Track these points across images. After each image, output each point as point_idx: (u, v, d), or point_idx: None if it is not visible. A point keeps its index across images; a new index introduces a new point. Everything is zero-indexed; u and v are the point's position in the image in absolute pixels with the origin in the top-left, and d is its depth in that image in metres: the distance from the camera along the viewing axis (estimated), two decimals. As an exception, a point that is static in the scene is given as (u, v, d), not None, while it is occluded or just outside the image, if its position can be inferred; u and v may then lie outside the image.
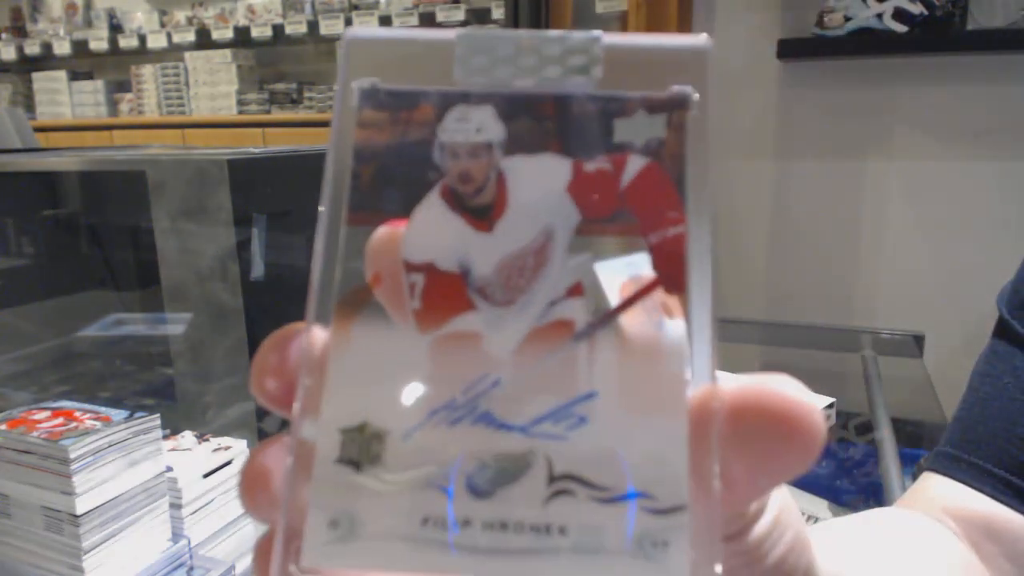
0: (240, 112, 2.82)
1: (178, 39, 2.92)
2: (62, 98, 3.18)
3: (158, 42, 2.95)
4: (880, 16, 1.66)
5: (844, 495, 0.98)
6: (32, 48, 3.18)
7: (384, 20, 2.55)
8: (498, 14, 2.31)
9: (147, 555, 0.68)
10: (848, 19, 1.68)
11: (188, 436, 0.78)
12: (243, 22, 2.81)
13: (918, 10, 1.64)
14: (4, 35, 3.27)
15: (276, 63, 2.93)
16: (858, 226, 1.83)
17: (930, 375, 1.27)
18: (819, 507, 0.90)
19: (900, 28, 1.65)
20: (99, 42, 3.05)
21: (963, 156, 1.72)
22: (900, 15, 1.65)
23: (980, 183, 1.71)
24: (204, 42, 2.89)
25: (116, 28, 3.06)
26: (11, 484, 0.66)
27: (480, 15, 2.44)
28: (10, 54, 3.23)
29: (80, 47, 3.10)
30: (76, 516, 0.63)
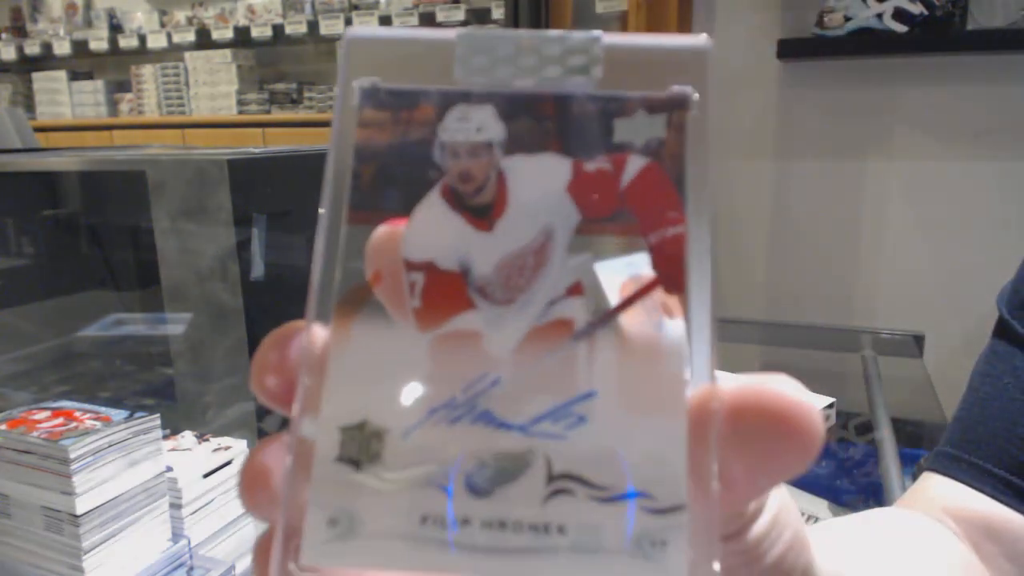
0: (240, 112, 2.82)
1: (178, 39, 2.92)
2: (62, 98, 3.18)
3: (158, 42, 2.95)
4: (880, 16, 1.66)
5: (844, 495, 0.98)
6: (32, 48, 3.18)
7: (384, 20, 2.55)
8: (498, 14, 2.31)
9: (147, 555, 0.68)
10: (848, 19, 1.68)
11: (188, 436, 0.78)
12: (243, 22, 2.81)
13: (918, 10, 1.64)
14: (4, 35, 3.27)
15: (276, 63, 2.94)
16: (858, 226, 1.83)
17: (930, 375, 1.27)
18: (819, 507, 0.90)
19: (900, 28, 1.65)
20: (99, 42, 3.05)
21: (963, 156, 1.72)
22: (900, 15, 1.65)
23: (980, 183, 1.71)
24: (204, 42, 2.89)
25: (116, 28, 3.06)
26: (11, 484, 0.66)
27: (480, 15, 2.44)
28: (10, 54, 3.23)
29: (80, 47, 3.10)
30: (76, 516, 0.63)
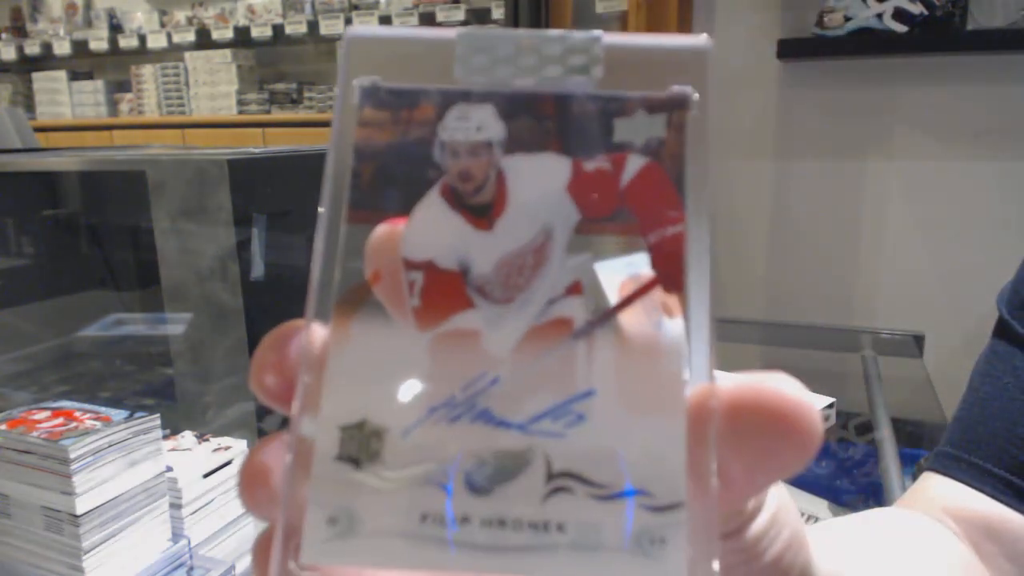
0: (240, 112, 2.82)
1: (178, 39, 2.92)
2: (62, 98, 3.18)
3: (158, 42, 2.95)
4: (880, 16, 1.66)
5: (844, 495, 0.98)
6: (32, 48, 3.18)
7: (384, 20, 2.55)
8: (498, 14, 2.31)
9: (147, 555, 0.68)
10: (848, 19, 1.68)
11: (188, 436, 0.78)
12: (243, 22, 2.81)
13: (918, 10, 1.64)
14: (4, 35, 3.27)
15: (276, 63, 2.94)
16: (858, 226, 1.83)
17: (930, 375, 1.27)
18: (819, 507, 0.90)
19: (900, 28, 1.65)
20: (99, 42, 3.05)
21: (963, 156, 1.72)
22: (900, 15, 1.65)
23: (980, 183, 1.71)
24: (204, 42, 2.89)
25: (116, 28, 3.06)
26: (11, 484, 0.66)
27: (480, 15, 2.44)
28: (10, 54, 3.23)
29: (80, 47, 3.10)
30: (76, 516, 0.63)
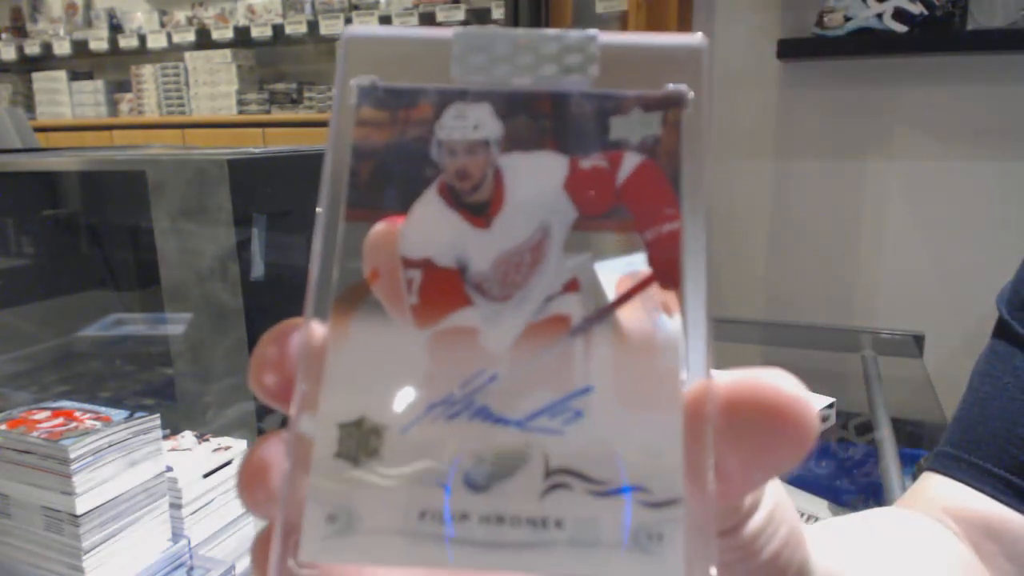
0: (240, 112, 2.82)
1: (178, 39, 2.92)
2: (62, 98, 3.18)
3: (158, 42, 2.96)
4: (880, 16, 1.66)
5: (844, 495, 0.98)
6: (32, 48, 3.18)
7: (384, 20, 2.55)
8: (498, 14, 2.31)
9: (147, 555, 0.68)
10: (848, 19, 1.68)
11: (188, 436, 0.78)
12: (243, 22, 2.81)
13: (918, 10, 1.64)
14: (4, 35, 3.27)
15: (276, 63, 2.94)
16: (858, 226, 1.83)
17: (930, 375, 1.27)
18: (819, 507, 0.89)
19: (900, 28, 1.65)
20: (99, 42, 3.05)
21: (963, 156, 1.72)
22: (900, 15, 1.65)
23: (980, 183, 1.71)
24: (204, 42, 2.89)
25: (116, 28, 3.06)
26: (11, 484, 0.66)
27: (480, 15, 2.44)
28: (10, 54, 3.23)
29: (80, 47, 3.10)
30: (76, 516, 0.63)
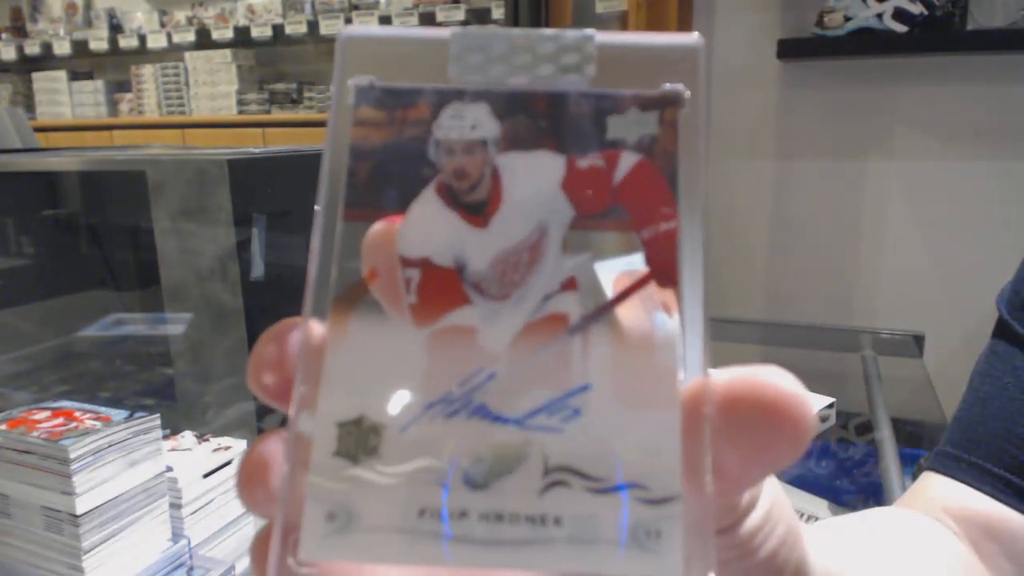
0: (240, 112, 2.82)
1: (178, 39, 2.92)
2: (62, 98, 3.18)
3: (158, 42, 2.96)
4: (880, 16, 1.66)
5: (844, 495, 0.97)
6: (32, 48, 3.18)
7: (384, 20, 2.55)
8: (498, 14, 2.31)
9: (147, 555, 0.68)
10: (848, 19, 1.68)
11: (188, 436, 0.78)
12: (243, 22, 2.81)
13: (918, 10, 1.64)
14: (4, 35, 3.27)
15: (276, 63, 2.94)
16: (858, 226, 1.83)
17: (930, 375, 1.27)
18: (819, 507, 0.89)
19: (900, 28, 1.65)
20: (99, 42, 3.05)
21: (963, 156, 1.72)
22: (900, 15, 1.65)
23: (980, 183, 1.71)
24: (204, 42, 2.89)
25: (116, 28, 3.06)
26: (11, 484, 0.66)
27: (480, 15, 2.44)
28: (10, 54, 3.23)
29: (80, 47, 3.10)
30: (76, 516, 0.63)
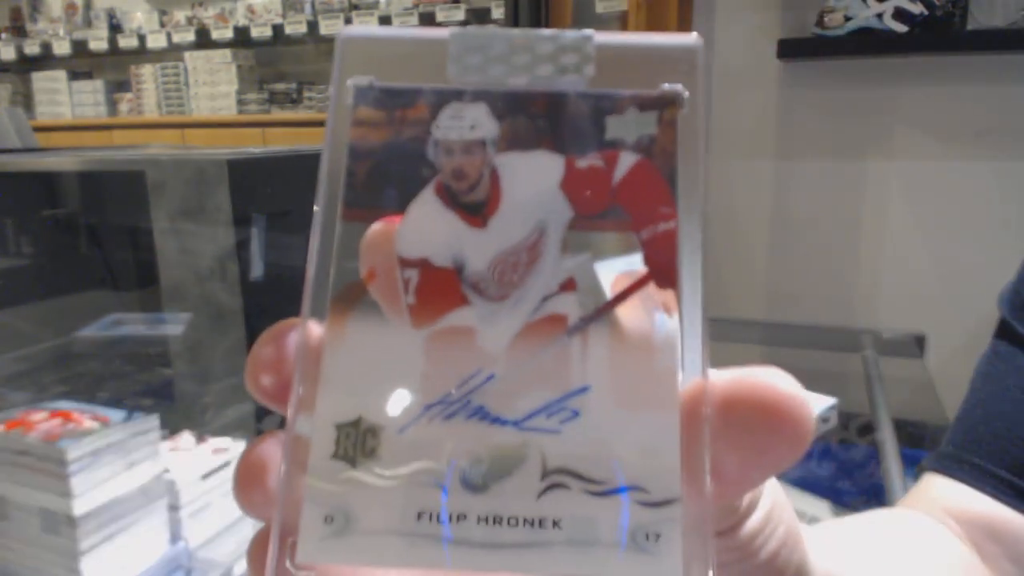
0: (240, 112, 2.82)
1: (178, 39, 2.92)
2: (61, 98, 3.18)
3: (158, 42, 2.95)
4: (880, 16, 1.66)
5: (845, 496, 0.97)
6: (32, 48, 3.18)
7: (384, 19, 2.55)
8: (498, 14, 2.31)
9: (145, 557, 0.68)
10: (848, 19, 1.68)
11: (187, 437, 0.78)
12: (243, 22, 2.81)
13: (918, 10, 1.64)
14: (3, 35, 3.27)
15: (276, 63, 2.93)
16: (859, 226, 1.83)
17: (931, 375, 1.27)
18: (820, 508, 0.89)
19: (900, 28, 1.65)
20: (99, 42, 3.05)
21: (964, 156, 1.72)
22: (900, 15, 1.65)
23: (981, 183, 1.71)
24: (204, 42, 2.89)
25: (116, 28, 3.06)
26: (8, 486, 0.66)
27: (480, 15, 2.44)
28: (9, 54, 3.23)
29: (80, 47, 3.10)
30: (74, 518, 0.63)
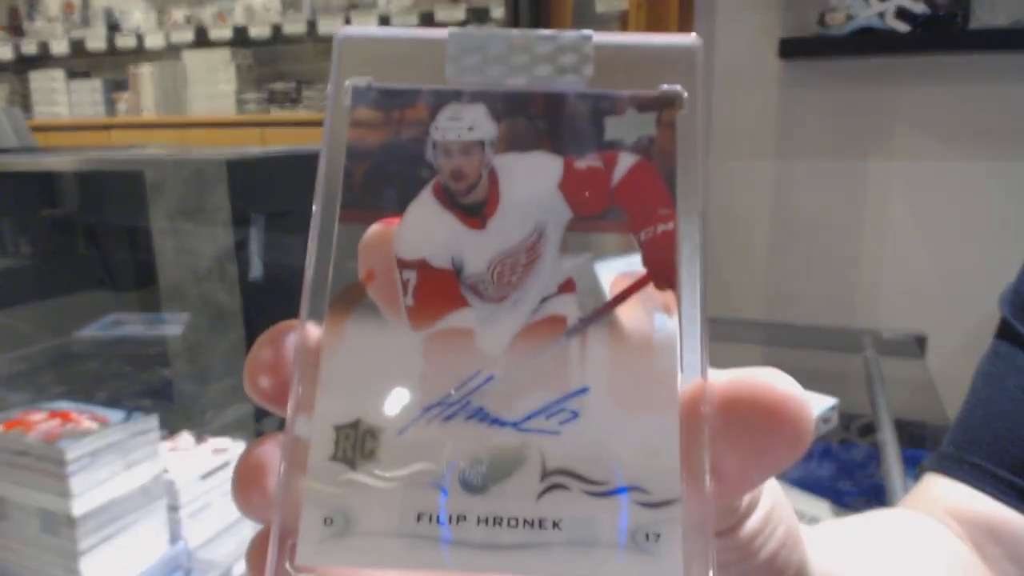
0: (239, 111, 2.82)
1: (176, 38, 2.91)
2: (60, 97, 3.18)
3: (156, 41, 2.95)
4: (882, 15, 1.66)
5: (846, 496, 0.97)
6: (29, 47, 3.17)
7: (383, 19, 2.54)
8: (498, 13, 2.31)
9: (144, 558, 0.68)
10: (850, 18, 1.68)
11: (186, 437, 0.78)
12: (241, 21, 2.81)
13: (921, 9, 1.63)
14: (1, 34, 3.27)
15: (275, 62, 2.93)
16: (860, 226, 1.83)
17: (932, 376, 1.27)
18: (821, 508, 0.89)
19: (902, 27, 1.65)
20: (97, 41, 3.04)
21: (965, 156, 1.72)
22: (902, 14, 1.65)
23: (982, 183, 1.71)
24: (202, 41, 2.89)
25: (114, 27, 3.05)
26: (7, 486, 0.66)
27: (480, 14, 2.44)
28: (7, 53, 3.22)
29: (78, 46, 3.09)
30: (73, 518, 0.63)
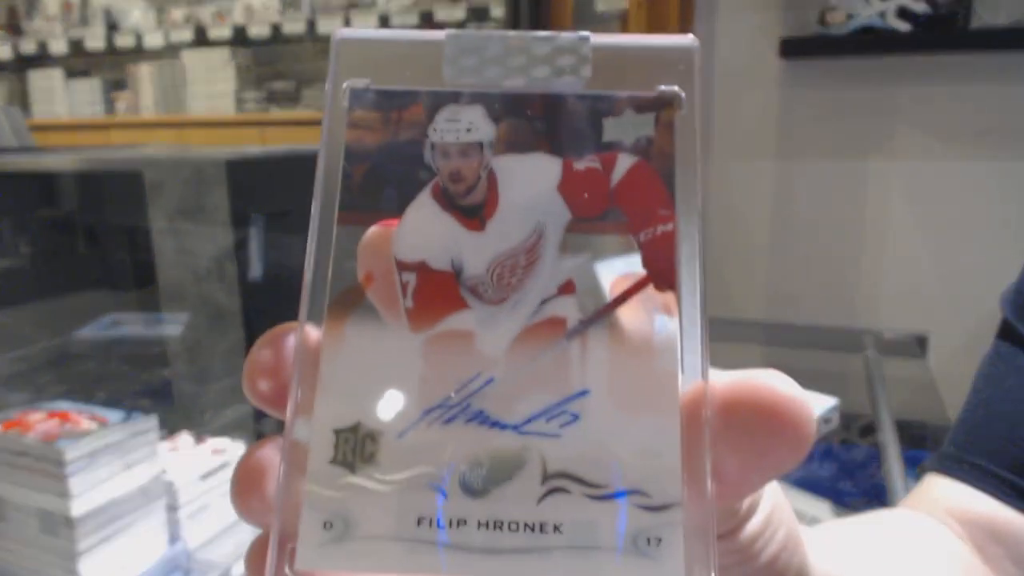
0: (238, 111, 2.81)
1: (175, 38, 2.91)
2: (58, 97, 3.17)
3: (155, 41, 2.95)
4: (883, 14, 1.66)
5: (847, 497, 0.97)
6: (28, 47, 3.17)
7: (383, 18, 2.54)
8: (497, 12, 2.31)
9: (144, 558, 0.68)
10: (851, 17, 1.68)
11: (185, 437, 0.78)
12: (241, 21, 2.81)
13: (922, 8, 1.63)
14: None
15: (274, 62, 2.93)
16: (860, 226, 1.83)
17: (933, 376, 1.27)
18: (821, 509, 0.89)
19: (903, 26, 1.65)
20: (95, 40, 3.04)
21: (966, 156, 1.72)
22: (904, 13, 1.65)
23: (983, 183, 1.71)
24: (201, 41, 2.89)
25: (113, 26, 3.05)
26: (6, 487, 0.66)
27: (480, 14, 2.44)
28: (5, 53, 3.22)
29: (76, 46, 3.09)
30: (72, 519, 0.63)
